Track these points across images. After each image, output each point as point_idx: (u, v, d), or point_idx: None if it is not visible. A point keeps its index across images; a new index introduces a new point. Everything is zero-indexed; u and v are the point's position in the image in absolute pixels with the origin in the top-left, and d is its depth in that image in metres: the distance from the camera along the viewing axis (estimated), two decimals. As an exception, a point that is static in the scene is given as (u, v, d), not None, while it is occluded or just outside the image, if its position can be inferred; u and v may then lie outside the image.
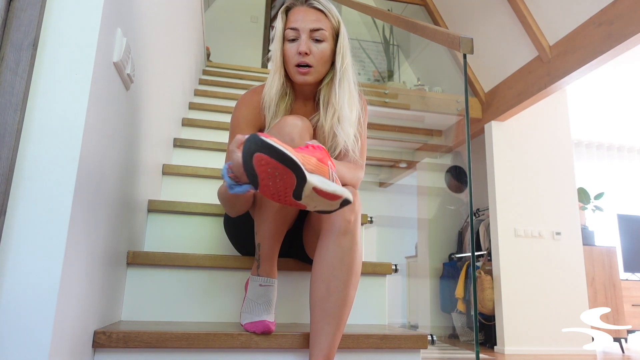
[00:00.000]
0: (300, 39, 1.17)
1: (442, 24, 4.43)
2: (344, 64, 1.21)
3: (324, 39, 1.18)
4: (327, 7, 1.20)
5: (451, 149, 4.86)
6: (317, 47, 1.18)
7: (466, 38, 1.63)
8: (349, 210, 1.05)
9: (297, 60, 1.17)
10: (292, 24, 1.18)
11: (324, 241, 1.05)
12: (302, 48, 1.16)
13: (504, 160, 3.97)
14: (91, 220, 0.90)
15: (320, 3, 1.20)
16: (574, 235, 3.91)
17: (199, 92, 3.02)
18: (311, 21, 1.17)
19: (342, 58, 1.20)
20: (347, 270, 1.03)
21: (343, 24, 1.23)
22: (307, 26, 1.17)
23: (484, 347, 3.86)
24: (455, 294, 4.13)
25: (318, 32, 1.17)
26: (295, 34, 1.18)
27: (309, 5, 1.19)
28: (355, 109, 1.23)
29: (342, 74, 1.20)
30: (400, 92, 4.28)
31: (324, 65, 1.20)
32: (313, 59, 1.17)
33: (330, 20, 1.20)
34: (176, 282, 1.27)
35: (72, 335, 0.84)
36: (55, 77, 0.81)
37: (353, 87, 1.24)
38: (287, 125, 1.08)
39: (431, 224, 4.91)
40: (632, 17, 2.68)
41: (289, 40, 1.19)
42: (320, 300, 1.02)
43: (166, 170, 1.83)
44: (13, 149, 0.76)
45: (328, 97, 1.22)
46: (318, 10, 1.19)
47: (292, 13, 1.20)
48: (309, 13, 1.18)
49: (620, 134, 5.33)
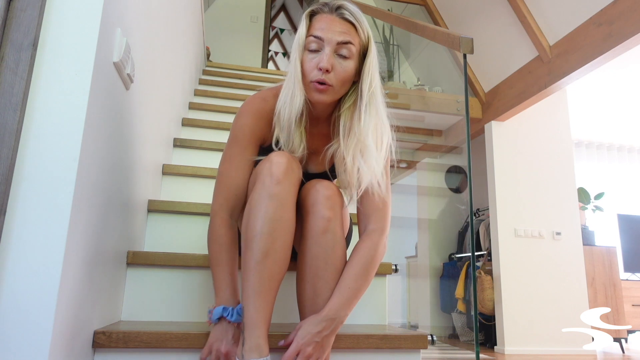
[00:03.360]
0: (323, 52, 1.00)
1: (442, 24, 4.43)
2: (372, 87, 1.04)
3: (350, 56, 1.02)
4: (359, 20, 1.03)
5: (451, 149, 4.86)
6: (341, 65, 1.01)
7: (466, 38, 1.63)
8: (326, 206, 1.01)
9: (316, 76, 1.01)
10: (317, 32, 1.01)
11: (305, 242, 1.02)
12: (324, 64, 0.99)
13: (504, 160, 3.97)
14: (91, 220, 0.90)
15: (352, 14, 1.02)
16: (574, 235, 3.91)
17: (199, 92, 3.03)
18: (339, 33, 1.00)
19: (371, 80, 1.04)
20: (333, 270, 1.00)
21: (373, 40, 1.06)
22: (334, 38, 1.00)
23: (484, 347, 3.86)
24: (455, 294, 4.13)
25: (345, 47, 1.01)
26: (319, 44, 1.01)
27: (339, 14, 1.02)
28: (385, 140, 1.07)
29: (369, 98, 1.03)
30: (400, 92, 4.28)
31: (345, 85, 1.05)
32: (334, 78, 1.01)
33: (360, 35, 1.03)
34: (176, 282, 1.27)
35: (72, 335, 0.84)
36: (55, 77, 0.81)
37: (383, 114, 1.07)
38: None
39: (431, 224, 4.91)
40: (632, 17, 2.68)
41: (309, 50, 1.02)
42: (308, 303, 1.01)
43: (166, 170, 1.83)
44: (13, 149, 0.76)
45: (350, 124, 1.06)
46: (349, 22, 1.02)
47: (317, 19, 1.03)
48: (338, 23, 1.01)
49: (620, 134, 5.33)
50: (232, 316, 0.96)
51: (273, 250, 0.94)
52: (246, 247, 0.95)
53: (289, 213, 0.98)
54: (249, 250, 0.94)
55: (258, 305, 0.92)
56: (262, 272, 0.92)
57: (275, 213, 0.95)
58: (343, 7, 1.02)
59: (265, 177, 0.97)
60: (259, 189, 0.97)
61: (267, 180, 0.96)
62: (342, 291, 0.99)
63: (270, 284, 0.94)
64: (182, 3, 2.16)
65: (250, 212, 0.97)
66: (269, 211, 0.94)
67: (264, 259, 0.93)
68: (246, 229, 0.96)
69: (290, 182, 0.98)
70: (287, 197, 0.97)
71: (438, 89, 4.34)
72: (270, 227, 0.94)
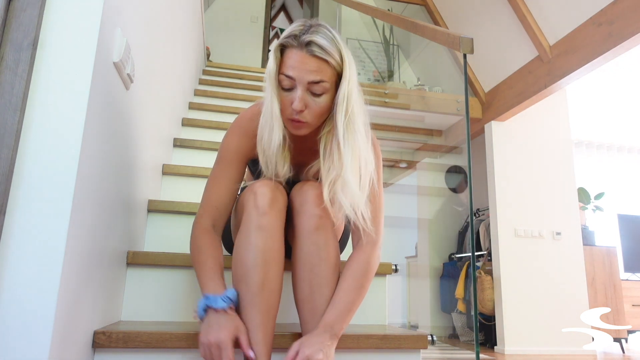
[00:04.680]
0: (296, 92, 0.98)
1: (442, 24, 4.43)
2: (347, 115, 0.99)
3: (324, 92, 0.99)
4: (330, 52, 0.97)
5: (451, 149, 4.86)
6: (314, 102, 0.99)
7: (466, 38, 1.63)
8: (316, 204, 1.02)
9: (291, 114, 0.99)
10: (288, 71, 0.97)
11: (297, 241, 1.03)
12: (297, 106, 0.97)
13: (504, 160, 3.97)
14: (91, 220, 0.90)
15: (323, 50, 0.96)
16: (574, 235, 3.91)
17: (198, 92, 3.03)
18: (310, 72, 0.96)
19: (346, 107, 0.99)
20: (327, 266, 1.01)
21: (349, 62, 1.00)
22: (304, 77, 0.96)
23: (484, 347, 3.86)
24: (455, 294, 4.13)
25: (317, 85, 0.97)
26: (291, 82, 0.98)
27: (309, 52, 0.96)
28: (368, 165, 1.04)
29: (345, 128, 0.99)
30: (400, 92, 4.28)
31: (322, 117, 1.02)
32: (309, 114, 0.99)
33: (332, 67, 0.98)
34: (176, 282, 1.27)
35: (72, 335, 0.84)
36: (55, 77, 0.81)
37: (362, 140, 1.02)
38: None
39: (431, 224, 4.91)
40: (632, 17, 2.68)
41: (282, 88, 1.00)
42: (305, 301, 1.01)
43: (166, 170, 1.83)
44: (13, 149, 0.76)
45: (330, 148, 1.04)
46: (319, 58, 0.96)
47: (287, 55, 0.98)
48: (308, 61, 0.96)
49: (620, 134, 5.33)
50: (217, 302, 0.91)
51: (267, 280, 0.96)
52: (240, 280, 0.96)
53: (278, 243, 1.00)
54: (243, 283, 0.96)
55: (260, 339, 0.93)
56: (260, 304, 0.94)
57: (265, 244, 0.97)
58: (313, 42, 0.96)
59: (251, 210, 0.99)
60: (246, 222, 0.99)
61: (254, 213, 0.98)
62: (335, 305, 0.99)
63: (269, 314, 0.95)
64: (182, 3, 2.16)
65: (240, 245, 0.98)
66: (259, 243, 0.96)
67: (260, 291, 0.94)
68: (238, 262, 0.98)
69: (276, 211, 1.00)
70: (274, 227, 0.99)
71: (438, 89, 4.34)
72: (262, 258, 0.96)
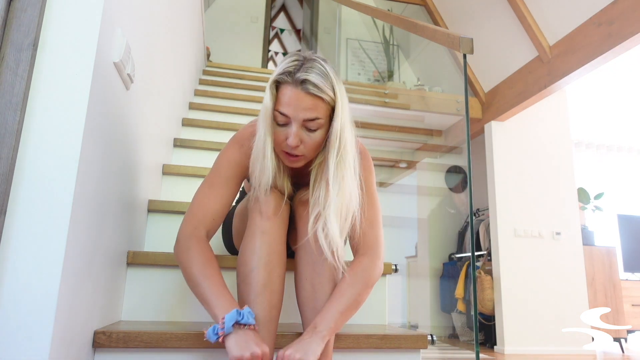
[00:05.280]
0: (291, 128, 0.99)
1: (442, 24, 4.43)
2: (340, 151, 1.01)
3: (319, 127, 1.00)
4: (324, 90, 0.98)
5: (451, 149, 4.87)
6: (309, 137, 1.00)
7: (466, 38, 1.63)
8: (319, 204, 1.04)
9: (286, 148, 1.01)
10: (283, 108, 0.98)
11: (300, 242, 1.05)
12: (292, 142, 0.98)
13: (504, 160, 3.97)
14: (91, 220, 0.90)
15: (317, 88, 0.97)
16: (574, 235, 3.91)
17: (199, 92, 3.03)
18: (305, 110, 0.97)
19: (338, 144, 1.01)
20: (330, 267, 1.02)
21: (341, 96, 1.01)
22: (299, 115, 0.98)
23: (484, 347, 3.86)
24: (455, 294, 4.13)
25: (312, 122, 0.99)
26: (286, 119, 0.99)
27: (304, 89, 0.97)
28: (353, 201, 1.04)
29: (336, 164, 1.01)
30: (400, 92, 4.28)
31: (317, 150, 1.04)
32: (304, 149, 1.01)
33: (327, 103, 0.99)
34: (176, 282, 1.27)
35: (72, 336, 0.84)
36: (55, 77, 0.81)
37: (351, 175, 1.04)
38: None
39: (431, 224, 4.91)
40: (632, 17, 2.68)
41: (277, 124, 1.01)
42: (307, 300, 1.02)
43: (166, 170, 1.83)
44: (13, 149, 0.76)
45: (319, 181, 1.06)
46: (314, 96, 0.97)
47: (282, 92, 0.99)
48: (303, 99, 0.97)
49: (620, 134, 5.33)
50: (246, 317, 0.90)
51: (270, 281, 0.98)
52: (243, 281, 0.99)
53: (281, 246, 1.03)
54: (246, 284, 0.98)
55: (263, 336, 0.94)
56: (262, 303, 0.96)
57: (269, 247, 1.00)
58: (308, 81, 0.97)
59: (256, 215, 1.04)
60: (251, 226, 1.03)
61: (258, 218, 1.03)
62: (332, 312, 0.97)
63: (272, 313, 0.97)
64: (182, 3, 2.16)
65: (245, 247, 1.02)
66: (263, 246, 1.00)
67: (263, 290, 0.97)
68: (242, 263, 1.00)
69: (279, 217, 1.04)
70: (277, 232, 1.03)
71: (438, 89, 4.34)
72: (265, 260, 0.99)
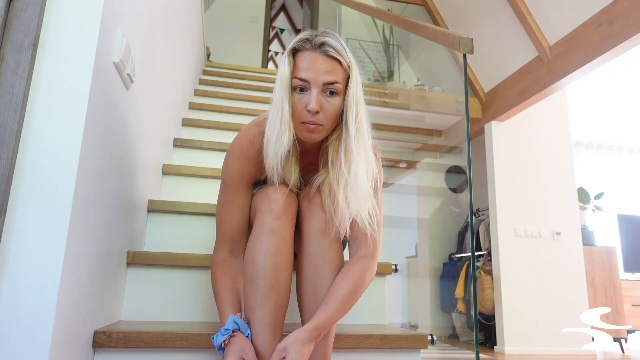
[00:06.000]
0: (311, 93, 0.97)
1: (442, 24, 4.43)
2: (358, 118, 1.00)
3: (338, 92, 0.99)
4: (341, 52, 0.99)
5: (451, 149, 4.86)
6: (329, 103, 0.99)
7: (466, 38, 1.63)
8: (322, 209, 1.04)
9: (306, 117, 0.99)
10: (302, 74, 0.97)
11: (304, 243, 1.05)
12: (313, 106, 0.96)
13: (504, 160, 3.97)
14: (91, 220, 0.90)
15: (335, 49, 0.98)
16: (574, 235, 3.91)
17: (199, 92, 3.03)
18: (325, 72, 0.97)
19: (356, 110, 1.00)
20: (331, 270, 1.02)
21: (355, 64, 1.02)
22: (320, 78, 0.97)
23: (484, 347, 3.86)
24: (455, 294, 4.13)
25: (331, 86, 0.98)
26: (305, 85, 0.98)
27: (323, 52, 0.98)
28: (371, 173, 1.04)
29: (356, 131, 1.00)
30: (400, 92, 4.28)
31: (334, 121, 1.02)
32: (324, 117, 0.99)
33: (344, 68, 1.00)
34: (176, 282, 1.27)
35: (72, 336, 0.84)
36: (55, 77, 0.81)
37: (368, 144, 1.03)
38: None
39: (431, 224, 4.91)
40: (632, 17, 2.68)
41: (296, 91, 0.99)
42: (309, 302, 1.02)
43: (166, 170, 1.83)
44: (13, 149, 0.76)
45: (337, 155, 1.04)
46: (333, 58, 0.98)
47: (300, 58, 0.99)
48: (322, 62, 0.97)
49: (620, 134, 5.33)
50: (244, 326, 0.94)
51: (277, 283, 0.97)
52: (250, 281, 0.98)
53: (289, 247, 1.02)
54: (254, 284, 0.97)
55: (267, 337, 0.94)
56: (269, 305, 0.95)
57: (278, 247, 0.99)
58: (326, 43, 0.98)
59: (264, 214, 1.01)
60: (259, 225, 1.01)
61: (267, 217, 1.01)
62: (328, 309, 0.97)
63: (277, 316, 0.97)
64: (182, 3, 2.16)
65: (253, 246, 1.00)
66: (271, 246, 0.98)
67: (269, 292, 0.96)
68: (249, 263, 0.99)
69: (288, 217, 1.02)
70: (286, 232, 1.01)
71: (438, 89, 4.34)
72: (273, 261, 0.98)
